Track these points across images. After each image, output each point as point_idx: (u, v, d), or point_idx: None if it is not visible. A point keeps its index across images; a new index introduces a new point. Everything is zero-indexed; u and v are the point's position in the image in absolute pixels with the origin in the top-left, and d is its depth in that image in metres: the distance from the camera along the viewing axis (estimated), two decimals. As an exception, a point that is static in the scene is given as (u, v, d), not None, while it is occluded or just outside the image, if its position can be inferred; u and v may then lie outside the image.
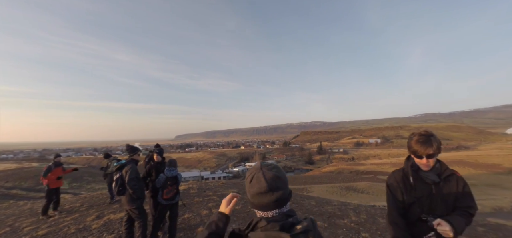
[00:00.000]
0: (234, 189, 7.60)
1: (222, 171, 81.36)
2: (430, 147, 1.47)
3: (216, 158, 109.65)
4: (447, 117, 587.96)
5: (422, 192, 1.55)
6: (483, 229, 4.62)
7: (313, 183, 39.08)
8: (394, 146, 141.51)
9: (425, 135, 1.52)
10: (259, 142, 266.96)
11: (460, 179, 1.56)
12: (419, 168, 1.58)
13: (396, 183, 1.65)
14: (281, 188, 0.91)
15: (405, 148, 1.71)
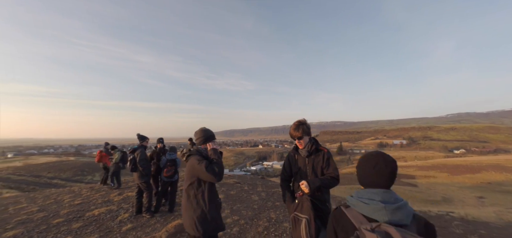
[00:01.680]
0: (244, 185, 8.05)
1: (241, 169, 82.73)
2: (298, 132, 2.21)
3: (234, 156, 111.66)
4: (483, 117, 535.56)
5: (300, 164, 2.28)
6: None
7: (331, 184, 38.24)
8: (421, 148, 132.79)
9: (296, 123, 2.26)
10: (277, 141, 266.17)
11: (326, 153, 2.24)
12: (298, 147, 2.31)
13: (287, 159, 2.41)
14: None
15: (434, 150, 2.07)
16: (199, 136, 2.26)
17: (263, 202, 6.07)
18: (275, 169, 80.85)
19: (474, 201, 24.84)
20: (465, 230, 4.64)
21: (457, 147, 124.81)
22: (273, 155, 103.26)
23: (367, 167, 1.13)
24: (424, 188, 34.27)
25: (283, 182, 2.45)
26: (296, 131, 2.22)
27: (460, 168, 51.99)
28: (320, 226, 2.01)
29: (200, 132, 2.28)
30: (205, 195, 2.06)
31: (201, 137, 2.24)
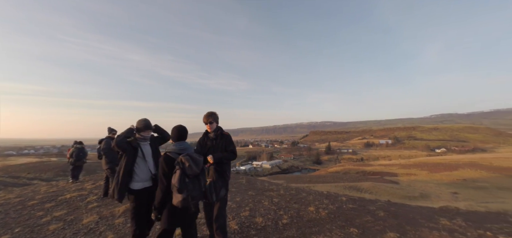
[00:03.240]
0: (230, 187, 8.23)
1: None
2: (209, 118, 3.10)
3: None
4: (464, 118, 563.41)
5: (209, 144, 3.12)
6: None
7: (317, 182, 39.25)
8: (406, 147, 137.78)
9: (209, 113, 3.13)
10: (267, 141, 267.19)
11: (228, 136, 3.16)
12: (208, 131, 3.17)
13: (199, 141, 3.22)
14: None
15: (417, 149, 2.45)
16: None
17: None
18: (265, 169, 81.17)
19: (449, 197, 26.30)
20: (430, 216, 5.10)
21: (439, 146, 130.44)
22: (263, 155, 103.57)
23: (173, 132, 2.58)
24: (404, 185, 35.81)
25: None
26: (208, 118, 3.12)
27: (439, 166, 54.65)
28: (221, 185, 2.95)
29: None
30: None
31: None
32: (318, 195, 6.35)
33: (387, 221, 4.16)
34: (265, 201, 5.43)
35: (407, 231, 3.67)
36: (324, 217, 4.32)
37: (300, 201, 5.52)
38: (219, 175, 2.94)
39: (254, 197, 5.85)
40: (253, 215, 4.37)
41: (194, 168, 2.28)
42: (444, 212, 5.15)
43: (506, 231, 3.64)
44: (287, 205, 5.16)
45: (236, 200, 5.46)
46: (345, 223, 4.00)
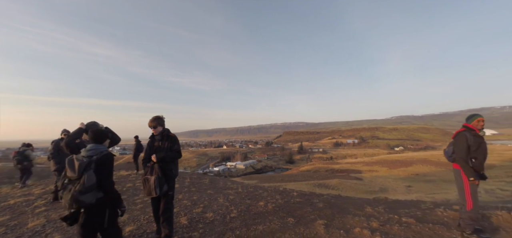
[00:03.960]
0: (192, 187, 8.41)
1: (203, 170, 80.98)
2: (153, 123, 3.38)
3: (197, 157, 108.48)
4: (419, 119, 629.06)
5: (157, 145, 3.39)
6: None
7: (289, 180, 40.63)
8: (369, 146, 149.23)
9: (154, 117, 3.41)
10: (242, 141, 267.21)
11: (173, 137, 3.46)
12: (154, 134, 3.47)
13: (148, 143, 3.50)
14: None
15: (379, 148, 2.92)
16: None
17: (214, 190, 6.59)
18: (239, 169, 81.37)
19: (404, 189, 29.37)
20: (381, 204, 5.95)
21: (397, 145, 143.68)
22: (237, 155, 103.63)
23: (89, 134, 2.51)
24: (367, 181, 38.96)
25: (145, 160, 3.41)
26: (152, 122, 3.40)
27: (397, 163, 60.37)
28: (164, 181, 3.22)
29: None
30: None
31: None
32: (273, 192, 6.91)
33: (322, 211, 4.82)
34: (221, 198, 5.80)
35: (335, 218, 4.34)
36: (270, 210, 4.83)
37: (254, 198, 5.99)
38: (163, 172, 3.23)
39: (211, 195, 6.18)
40: (205, 211, 4.71)
41: (70, 171, 2.21)
42: (374, 201, 6.05)
43: (410, 214, 4.51)
44: (241, 201, 5.60)
45: (193, 199, 5.74)
46: (286, 214, 4.55)
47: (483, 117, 3.32)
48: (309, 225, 3.94)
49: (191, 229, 3.82)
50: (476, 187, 3.21)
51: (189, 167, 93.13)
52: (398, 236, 3.48)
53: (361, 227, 3.76)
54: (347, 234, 3.55)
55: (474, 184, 3.17)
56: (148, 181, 3.15)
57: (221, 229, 3.82)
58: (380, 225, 3.86)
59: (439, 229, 3.64)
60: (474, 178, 3.14)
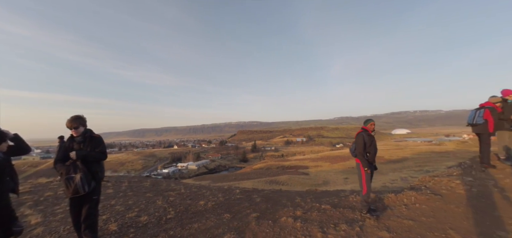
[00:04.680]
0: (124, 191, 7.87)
1: (150, 173, 74.73)
2: (74, 123, 3.08)
3: (143, 159, 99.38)
4: (355, 120, 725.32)
5: (77, 148, 3.10)
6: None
7: (242, 179, 41.31)
8: (316, 144, 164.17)
9: (73, 117, 3.12)
10: (195, 141, 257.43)
11: (97, 138, 3.25)
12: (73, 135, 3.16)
13: (63, 145, 3.21)
14: None
15: (324, 145, 3.06)
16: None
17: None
18: (190, 170, 78.21)
19: (342, 181, 33.44)
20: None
21: (338, 142, 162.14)
22: (189, 155, 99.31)
23: None
24: (313, 175, 42.83)
25: (59, 161, 3.10)
26: (72, 123, 3.09)
27: (338, 158, 68.11)
28: (91, 178, 3.05)
29: None
30: None
31: None
32: (216, 191, 7.09)
33: (258, 205, 5.27)
34: (160, 201, 5.66)
35: (268, 210, 4.82)
36: (209, 208, 5.01)
37: (195, 197, 6.05)
38: (88, 171, 3.03)
39: (150, 198, 5.96)
40: (139, 215, 4.56)
41: None
42: (306, 193, 6.89)
43: (329, 201, 5.37)
44: (181, 202, 5.59)
45: (128, 203, 5.44)
46: (224, 210, 4.81)
47: (374, 122, 4.27)
48: (243, 219, 4.28)
49: (121, 235, 3.67)
50: (369, 176, 4.11)
51: (133, 170, 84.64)
52: (314, 220, 4.13)
53: (287, 216, 4.30)
54: (274, 223, 4.02)
55: (367, 173, 4.04)
56: (72, 180, 2.88)
57: (155, 231, 3.80)
58: (303, 213, 4.49)
59: (347, 212, 4.47)
60: (368, 168, 4.02)
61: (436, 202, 4.44)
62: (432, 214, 4.05)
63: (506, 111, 5.48)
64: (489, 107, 5.31)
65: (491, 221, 3.62)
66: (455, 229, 3.50)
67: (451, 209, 4.16)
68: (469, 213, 3.93)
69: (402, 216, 4.06)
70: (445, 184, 5.21)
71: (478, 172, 5.73)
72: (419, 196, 4.77)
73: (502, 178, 5.19)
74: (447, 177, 5.72)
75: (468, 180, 5.29)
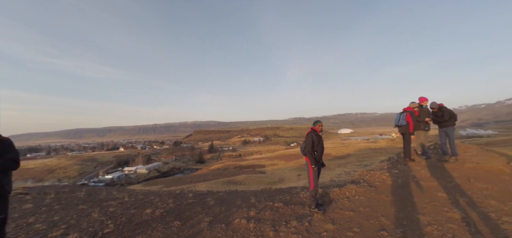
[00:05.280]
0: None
1: (88, 180, 65.24)
2: None
3: (80, 164, 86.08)
4: (308, 121, 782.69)
5: None
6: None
7: (199, 181, 39.96)
8: (272, 143, 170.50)
9: None
10: (145, 142, 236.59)
11: (6, 142, 2.73)
12: None
13: None
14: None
15: (279, 144, 2.67)
16: None
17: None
18: (140, 174, 71.44)
19: (296, 178, 35.49)
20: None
21: (293, 141, 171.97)
22: (138, 158, 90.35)
23: None
24: (269, 174, 44.30)
25: None
26: None
27: (292, 156, 72.13)
28: None
29: None
30: None
31: None
32: (167, 196, 6.58)
33: (212, 208, 5.09)
34: (96, 213, 4.91)
35: (221, 213, 4.68)
36: (156, 216, 4.58)
37: (141, 206, 5.47)
38: None
39: (84, 211, 5.11)
40: (67, 233, 3.84)
41: None
42: (261, 192, 7.00)
43: (282, 199, 5.57)
44: (123, 212, 4.96)
45: (53, 220, 4.54)
46: (174, 218, 4.47)
47: (322, 123, 4.60)
48: (195, 226, 4.05)
49: (39, 260, 3.01)
50: (316, 172, 4.39)
51: (66, 178, 72.57)
52: (267, 219, 4.20)
53: (241, 218, 4.25)
54: (227, 227, 3.91)
55: (315, 170, 4.32)
56: None
57: (86, 249, 3.25)
58: (256, 213, 4.51)
59: (297, 208, 4.69)
60: (315, 166, 4.29)
61: (371, 193, 5.05)
62: (368, 204, 4.58)
63: (422, 115, 6.74)
64: (410, 112, 6.49)
65: (411, 206, 4.30)
66: (386, 215, 4.03)
67: (382, 198, 4.78)
68: (396, 201, 4.59)
69: (344, 208, 4.46)
70: (378, 177, 5.98)
71: (402, 165, 6.78)
72: (358, 188, 5.35)
73: (419, 170, 6.26)
74: (380, 170, 6.60)
75: (395, 172, 6.20)
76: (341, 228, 3.75)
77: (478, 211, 3.95)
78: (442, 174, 5.83)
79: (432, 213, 3.97)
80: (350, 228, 3.70)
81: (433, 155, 7.41)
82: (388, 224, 3.72)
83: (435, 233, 3.32)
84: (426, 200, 4.51)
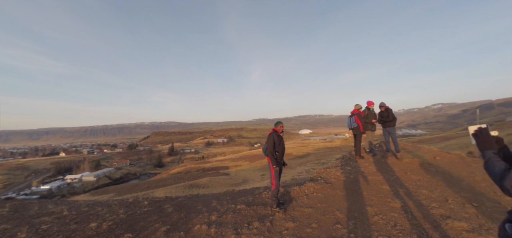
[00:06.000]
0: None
1: (17, 193, 54.87)
2: None
3: (5, 174, 71.70)
4: (271, 122, 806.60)
5: None
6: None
7: (157, 186, 37.36)
8: (236, 144, 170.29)
9: None
10: (93, 145, 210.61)
11: None
12: None
13: None
14: None
15: (243, 145, 2.24)
16: None
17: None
18: (86, 183, 63.19)
19: (259, 178, 36.01)
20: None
21: (256, 142, 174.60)
22: (84, 164, 79.55)
23: None
24: (233, 175, 44.00)
25: None
26: None
27: (256, 157, 73.07)
28: None
29: None
30: None
31: None
32: (117, 206, 5.90)
33: (170, 215, 4.74)
34: (23, 233, 4.09)
35: (180, 220, 4.40)
36: (103, 230, 4.04)
37: (85, 219, 4.77)
38: None
39: (6, 231, 4.21)
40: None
41: None
42: (224, 194, 6.85)
43: (245, 201, 5.54)
44: (61, 228, 4.25)
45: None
46: (125, 230, 4.01)
47: (283, 124, 4.72)
48: (149, 236, 3.70)
49: None
50: (278, 172, 4.49)
51: (-13, 190, 59.74)
52: (229, 223, 4.10)
53: (201, 223, 4.05)
54: (186, 234, 3.68)
55: (276, 170, 4.41)
56: None
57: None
58: (218, 217, 4.37)
59: (260, 209, 4.71)
60: (276, 166, 4.38)
61: (328, 190, 5.39)
62: (325, 200, 4.88)
63: (369, 117, 7.53)
64: (357, 114, 7.21)
65: (361, 199, 4.73)
66: (340, 209, 4.33)
67: (337, 194, 5.15)
68: (348, 195, 5.00)
69: (303, 205, 4.66)
70: (334, 174, 6.44)
71: (354, 162, 7.45)
72: (316, 185, 5.66)
73: (367, 166, 6.96)
74: (335, 167, 7.12)
75: (348, 169, 6.77)
76: (301, 225, 3.89)
77: (414, 199, 4.56)
78: (386, 169, 6.59)
79: (378, 204, 4.43)
80: (309, 224, 3.87)
81: (378, 152, 8.34)
82: (342, 217, 4.01)
83: (381, 222, 3.70)
84: (373, 193, 5.02)
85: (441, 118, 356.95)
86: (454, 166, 6.83)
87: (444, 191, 4.99)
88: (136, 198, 7.33)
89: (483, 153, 1.35)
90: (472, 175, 5.92)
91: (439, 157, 7.57)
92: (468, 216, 3.81)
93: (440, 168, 6.57)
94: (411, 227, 3.45)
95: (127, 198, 7.63)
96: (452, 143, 35.36)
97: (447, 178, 5.77)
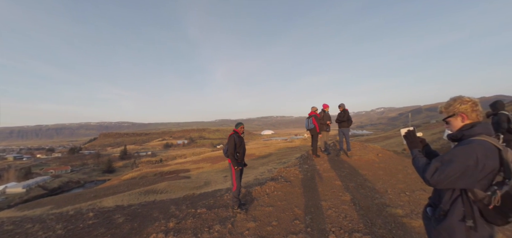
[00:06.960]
0: None
1: None
2: None
3: None
4: (233, 123, 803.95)
5: None
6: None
7: (106, 194, 33.39)
8: (198, 145, 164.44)
9: None
10: (22, 149, 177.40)
11: None
12: None
13: None
14: None
15: (205, 146, 1.86)
16: None
17: None
18: (12, 196, 52.72)
19: (222, 180, 35.42)
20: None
21: (219, 143, 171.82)
22: (8, 173, 65.88)
23: None
24: (194, 178, 42.25)
25: None
26: None
27: (218, 158, 71.71)
28: None
29: None
30: None
31: None
32: (54, 221, 5.07)
33: (121, 226, 4.29)
34: None
35: (133, 230, 4.02)
36: (34, 250, 3.42)
37: (7, 240, 3.97)
38: None
39: None
40: None
41: None
42: (183, 199, 6.54)
43: (205, 204, 5.39)
44: (-29, 254, 3.44)
45: None
46: (63, 247, 3.47)
47: (243, 125, 4.76)
48: (94, 251, 3.27)
49: None
50: (239, 173, 4.50)
51: None
52: (189, 228, 3.92)
53: (158, 232, 3.78)
54: (139, 245, 3.38)
55: (237, 171, 4.41)
56: None
57: None
58: (176, 223, 4.14)
59: (221, 211, 4.63)
60: (237, 167, 4.38)
61: (287, 188, 5.63)
62: (285, 197, 5.07)
63: (325, 118, 8.15)
64: (314, 116, 7.75)
65: (317, 195, 5.07)
66: (298, 206, 4.57)
67: (296, 191, 5.42)
68: (306, 192, 5.30)
69: (264, 204, 4.76)
70: (293, 172, 6.76)
71: (311, 161, 7.96)
72: (277, 184, 5.85)
73: (322, 164, 7.51)
74: (294, 166, 7.49)
75: (305, 167, 7.19)
76: (262, 224, 3.96)
77: (361, 192, 5.10)
78: (338, 166, 7.22)
79: (331, 198, 4.82)
80: (270, 222, 3.97)
81: (332, 151, 9.10)
82: (300, 213, 4.23)
83: (333, 215, 4.03)
84: (327, 188, 5.44)
85: (383, 120, 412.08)
86: (393, 161, 7.90)
87: (385, 183, 5.73)
88: (79, 209, 6.43)
89: (411, 151, 1.64)
90: (406, 169, 6.94)
91: (381, 154, 8.66)
92: (402, 204, 4.46)
93: (382, 163, 7.52)
94: (359, 217, 3.85)
95: (67, 211, 6.65)
96: (391, 141, 40.93)
97: (387, 172, 6.63)
